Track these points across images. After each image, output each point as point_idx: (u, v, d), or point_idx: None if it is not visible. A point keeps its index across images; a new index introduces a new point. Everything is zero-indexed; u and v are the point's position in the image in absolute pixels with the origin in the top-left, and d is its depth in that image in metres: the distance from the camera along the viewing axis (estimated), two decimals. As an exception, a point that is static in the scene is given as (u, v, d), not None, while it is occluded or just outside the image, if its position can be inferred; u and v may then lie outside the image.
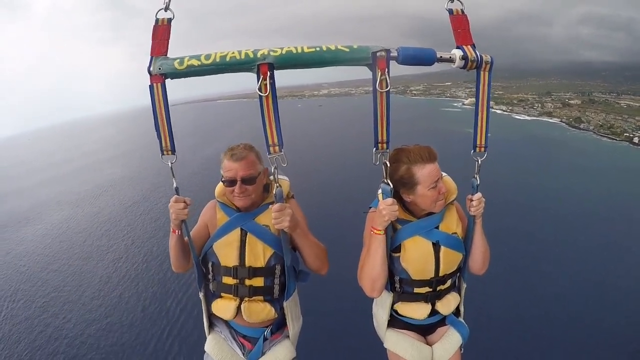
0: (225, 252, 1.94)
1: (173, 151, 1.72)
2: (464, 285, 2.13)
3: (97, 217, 45.83)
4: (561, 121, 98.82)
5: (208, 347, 2.07)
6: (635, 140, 74.96)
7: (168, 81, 1.65)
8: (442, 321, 2.11)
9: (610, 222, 36.28)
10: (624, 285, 25.67)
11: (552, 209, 39.55)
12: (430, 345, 2.07)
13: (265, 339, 2.04)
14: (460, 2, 1.71)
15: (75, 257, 34.84)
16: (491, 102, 1.75)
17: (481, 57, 1.69)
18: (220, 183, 2.03)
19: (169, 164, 1.73)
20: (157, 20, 1.64)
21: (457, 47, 1.70)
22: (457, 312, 2.16)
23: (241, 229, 1.94)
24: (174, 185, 1.80)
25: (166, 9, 1.63)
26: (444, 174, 1.95)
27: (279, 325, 2.10)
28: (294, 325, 2.07)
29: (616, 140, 78.36)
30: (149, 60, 1.63)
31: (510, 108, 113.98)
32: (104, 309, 26.19)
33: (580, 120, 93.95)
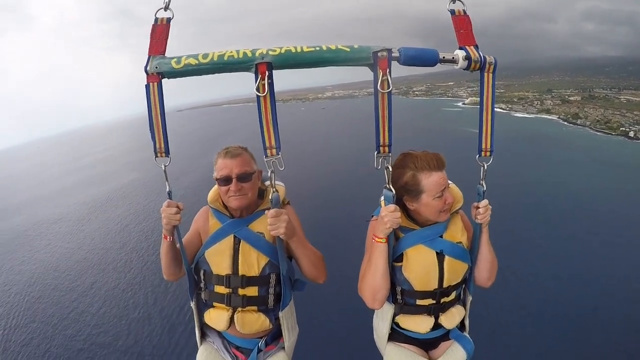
0: (218, 260, 1.88)
1: (167, 153, 1.65)
2: (470, 298, 2.03)
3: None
4: (559, 118, 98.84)
5: (200, 358, 2.03)
6: (631, 134, 75.28)
7: (175, 84, 1.63)
8: (446, 335, 2.01)
9: (594, 216, 36.21)
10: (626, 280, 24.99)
11: (540, 205, 39.30)
12: None
13: (259, 351, 1.96)
14: (462, 2, 1.69)
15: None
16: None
17: (485, 57, 1.65)
18: (214, 189, 1.99)
19: (162, 166, 1.66)
20: (156, 19, 1.62)
21: (460, 48, 1.67)
22: (461, 326, 2.06)
23: (234, 236, 1.88)
24: (167, 189, 1.72)
25: (166, 8, 1.62)
26: (450, 182, 1.88)
27: (274, 336, 2.03)
28: (289, 336, 2.01)
29: (612, 134, 78.85)
30: (146, 60, 1.60)
31: (510, 106, 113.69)
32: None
33: (578, 116, 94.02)
